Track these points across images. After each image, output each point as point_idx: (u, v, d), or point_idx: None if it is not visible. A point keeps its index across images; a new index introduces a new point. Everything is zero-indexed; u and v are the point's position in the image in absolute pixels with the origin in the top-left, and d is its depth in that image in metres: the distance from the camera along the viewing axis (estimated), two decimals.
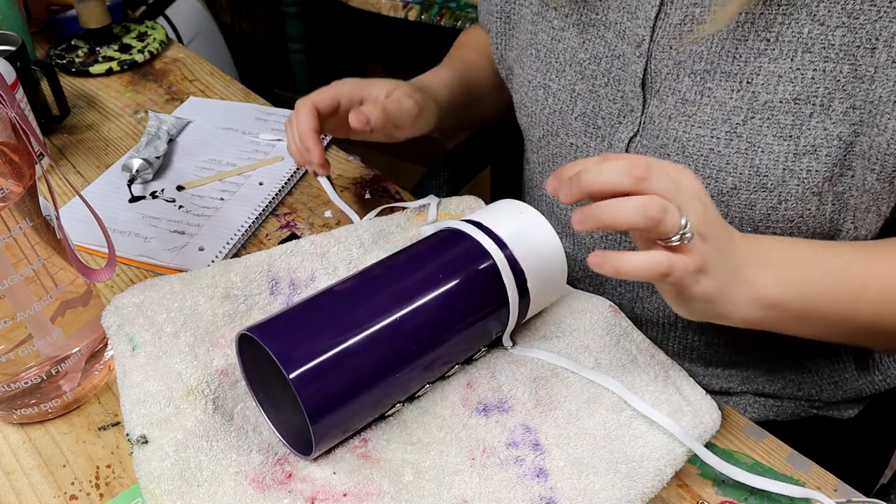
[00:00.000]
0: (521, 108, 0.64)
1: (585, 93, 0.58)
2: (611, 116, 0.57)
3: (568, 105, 0.59)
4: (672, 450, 0.44)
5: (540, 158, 0.65)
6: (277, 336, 0.40)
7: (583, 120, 0.58)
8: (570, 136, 0.60)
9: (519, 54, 0.64)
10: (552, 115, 0.60)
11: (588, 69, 0.57)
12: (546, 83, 0.60)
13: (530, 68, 0.62)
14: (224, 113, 0.78)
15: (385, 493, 0.41)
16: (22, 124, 0.41)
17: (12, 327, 0.44)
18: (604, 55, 0.56)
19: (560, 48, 0.59)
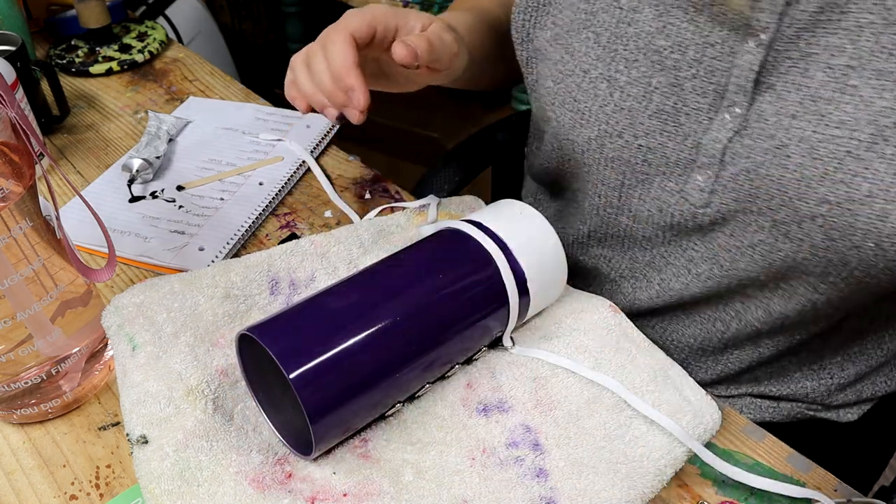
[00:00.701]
0: (564, 103, 0.55)
1: (665, 87, 0.50)
2: (698, 113, 0.50)
3: (640, 101, 0.51)
4: (672, 450, 0.44)
5: (586, 160, 0.56)
6: (277, 336, 0.40)
7: (659, 118, 0.51)
8: (640, 136, 0.52)
9: (560, 36, 0.55)
10: (617, 112, 0.52)
11: (669, 59, 0.49)
12: (611, 75, 0.52)
13: (585, 56, 0.53)
14: (224, 113, 0.79)
15: (385, 493, 0.41)
16: (22, 124, 0.41)
17: (12, 327, 0.44)
18: (692, 42, 0.48)
19: (630, 33, 0.50)
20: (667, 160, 0.52)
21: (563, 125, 0.56)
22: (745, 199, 0.50)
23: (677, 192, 0.53)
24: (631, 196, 0.56)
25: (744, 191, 0.49)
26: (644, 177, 0.54)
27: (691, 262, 0.56)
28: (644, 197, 0.55)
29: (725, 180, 0.50)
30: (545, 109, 0.58)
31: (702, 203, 0.52)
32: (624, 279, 0.62)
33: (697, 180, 0.51)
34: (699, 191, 0.52)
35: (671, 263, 0.58)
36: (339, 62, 0.47)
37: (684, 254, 0.57)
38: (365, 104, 0.47)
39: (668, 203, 0.54)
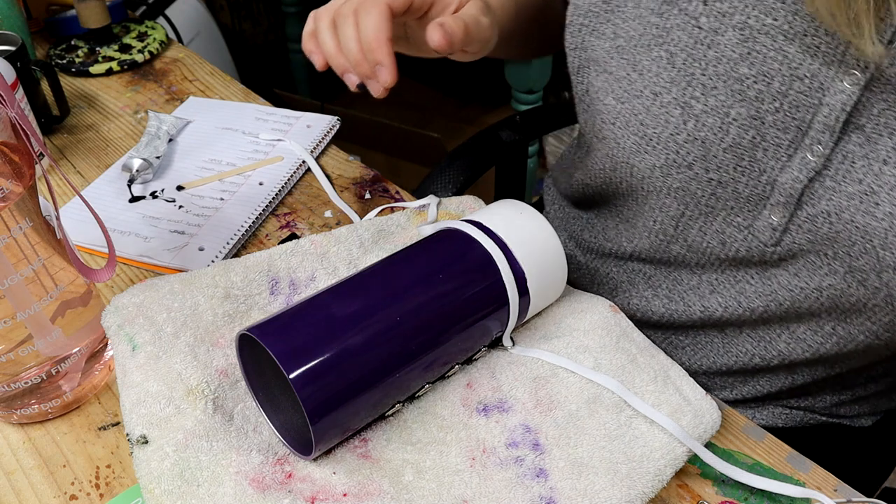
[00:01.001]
0: (627, 125, 0.50)
1: (744, 119, 0.46)
2: (777, 149, 0.46)
3: (716, 133, 0.47)
4: (672, 450, 0.44)
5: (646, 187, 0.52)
6: (277, 336, 0.40)
7: (734, 152, 0.47)
8: (712, 170, 0.48)
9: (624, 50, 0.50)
10: (689, 142, 0.48)
11: (752, 89, 0.45)
12: (686, 101, 0.47)
13: (657, 77, 0.48)
14: (224, 113, 0.78)
15: (385, 493, 0.41)
16: (22, 124, 0.41)
17: (12, 327, 0.44)
18: (778, 73, 0.44)
19: (710, 57, 0.46)
20: (737, 196, 0.49)
21: (623, 148, 0.52)
22: (820, 242, 0.47)
23: (745, 227, 0.50)
24: (690, 227, 0.53)
25: (821, 233, 0.47)
26: (709, 210, 0.51)
27: (742, 296, 0.53)
28: (705, 229, 0.52)
29: (801, 220, 0.47)
30: (601, 127, 0.53)
31: (772, 242, 0.49)
32: (658, 298, 0.59)
33: (770, 219, 0.49)
34: (771, 229, 0.49)
35: (719, 292, 0.55)
36: (372, 34, 0.45)
37: (736, 285, 0.54)
38: (392, 82, 0.46)
39: (733, 238, 0.51)
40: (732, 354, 0.58)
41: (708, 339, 0.58)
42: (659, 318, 0.60)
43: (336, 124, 0.77)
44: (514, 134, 0.87)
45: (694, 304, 0.57)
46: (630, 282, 0.61)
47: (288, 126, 0.76)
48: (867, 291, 0.47)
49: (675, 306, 0.58)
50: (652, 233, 0.56)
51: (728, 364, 0.58)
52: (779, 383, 0.58)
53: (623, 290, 0.62)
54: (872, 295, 0.47)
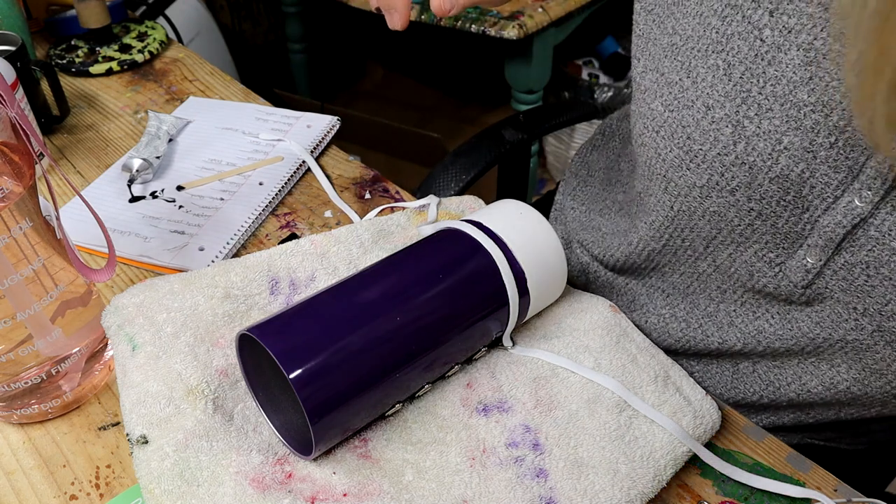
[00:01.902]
0: (672, 136, 0.47)
1: (796, 149, 0.42)
2: (825, 188, 0.42)
3: (766, 160, 0.43)
4: (672, 450, 0.44)
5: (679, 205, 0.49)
6: (277, 336, 0.40)
7: (781, 183, 0.43)
8: (754, 199, 0.45)
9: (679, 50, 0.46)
10: (736, 165, 0.44)
11: (809, 118, 0.41)
12: (738, 120, 0.43)
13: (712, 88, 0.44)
14: (224, 113, 0.78)
15: (385, 493, 0.41)
16: (22, 124, 0.41)
17: (12, 327, 0.44)
18: (839, 106, 0.40)
19: (769, 74, 0.41)
20: (775, 230, 0.46)
21: (664, 160, 0.48)
22: (853, 293, 0.45)
23: (777, 264, 0.48)
24: (720, 252, 0.50)
25: (856, 284, 0.44)
26: (742, 239, 0.48)
27: (762, 335, 0.51)
28: (735, 257, 0.50)
29: (837, 266, 0.45)
30: (643, 132, 0.50)
31: (803, 283, 0.47)
32: (676, 321, 0.57)
33: (805, 260, 0.46)
34: (804, 270, 0.46)
35: (736, 326, 0.53)
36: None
37: (755, 322, 0.51)
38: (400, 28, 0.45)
39: (762, 272, 0.49)
40: (740, 391, 0.56)
41: (719, 369, 0.57)
42: (676, 342, 0.58)
43: (336, 124, 0.77)
44: (519, 133, 0.87)
45: (712, 335, 0.55)
46: (648, 296, 0.59)
47: (288, 126, 0.76)
48: (894, 352, 0.44)
49: (693, 333, 0.56)
50: (679, 250, 0.53)
51: (734, 398, 0.57)
52: (784, 420, 0.57)
53: (640, 306, 0.60)
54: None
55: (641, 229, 0.56)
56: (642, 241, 0.56)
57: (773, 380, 0.54)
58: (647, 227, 0.55)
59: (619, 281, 0.63)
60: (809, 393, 0.52)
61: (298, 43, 2.01)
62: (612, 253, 0.62)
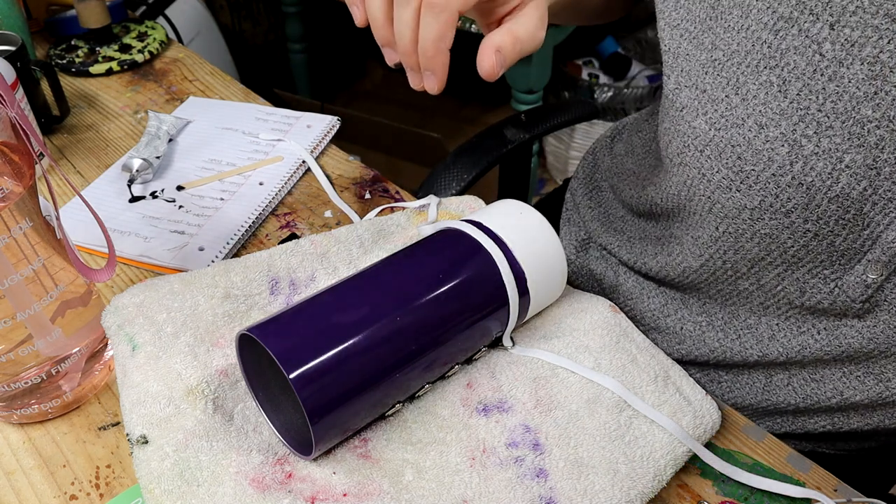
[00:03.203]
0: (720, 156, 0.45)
1: (859, 167, 0.40)
2: (888, 203, 0.41)
3: (825, 179, 0.41)
4: (672, 450, 0.44)
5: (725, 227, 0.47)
6: (277, 336, 0.40)
7: (840, 203, 0.42)
8: (811, 221, 0.43)
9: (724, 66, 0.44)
10: (793, 186, 0.42)
11: (873, 135, 0.39)
12: (796, 139, 0.41)
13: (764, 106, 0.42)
14: (224, 113, 0.79)
15: (385, 493, 0.41)
16: (22, 124, 0.41)
17: (12, 327, 0.44)
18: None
19: (830, 90, 0.40)
20: (832, 249, 0.45)
21: (709, 181, 0.46)
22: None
23: (833, 280, 0.46)
24: (766, 272, 0.48)
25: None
26: (795, 260, 0.46)
27: (806, 349, 0.49)
28: (784, 276, 0.48)
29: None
30: (684, 151, 0.47)
31: (862, 298, 0.46)
32: (713, 330, 0.55)
33: (866, 275, 0.45)
34: (863, 285, 0.45)
35: (778, 340, 0.51)
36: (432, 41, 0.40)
37: (799, 337, 0.50)
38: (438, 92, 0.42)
39: (817, 289, 0.47)
40: (771, 402, 0.55)
41: (750, 380, 0.55)
42: (711, 352, 0.56)
43: (336, 124, 0.77)
44: (520, 132, 0.87)
45: (751, 347, 0.53)
46: (683, 302, 0.57)
47: (288, 126, 0.76)
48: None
49: (731, 344, 0.54)
50: (719, 271, 0.50)
51: (765, 406, 0.56)
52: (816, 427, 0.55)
53: (674, 311, 0.58)
54: None
55: (680, 245, 0.53)
56: (680, 255, 0.54)
57: (811, 393, 0.52)
58: (684, 246, 0.52)
59: (649, 286, 0.60)
60: (846, 400, 0.51)
61: (298, 43, 2.01)
62: (645, 261, 0.59)
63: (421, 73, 0.42)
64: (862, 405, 0.51)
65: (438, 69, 0.41)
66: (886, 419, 0.52)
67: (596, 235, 0.67)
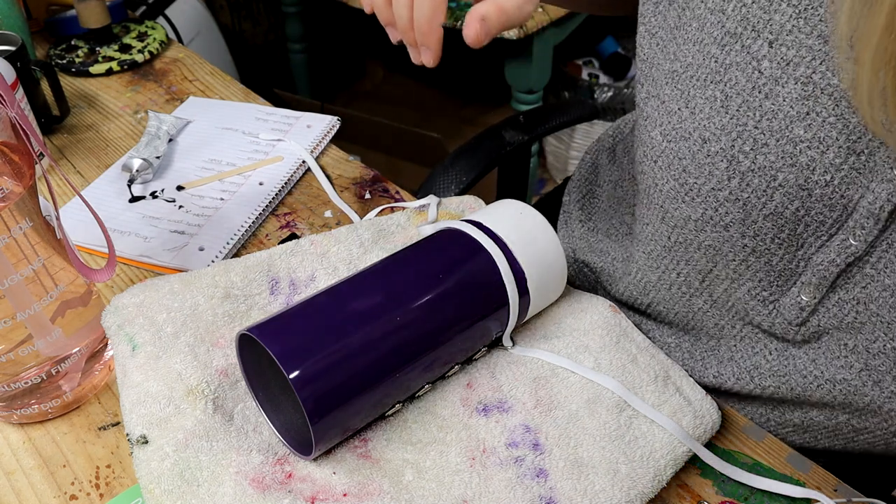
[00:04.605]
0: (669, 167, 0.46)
1: (791, 187, 0.41)
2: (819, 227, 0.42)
3: (760, 196, 0.42)
4: (672, 450, 0.44)
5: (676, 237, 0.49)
6: (277, 336, 0.40)
7: (775, 221, 0.43)
8: (748, 236, 0.44)
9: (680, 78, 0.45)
10: (730, 202, 0.43)
11: (805, 155, 0.40)
12: (734, 154, 0.42)
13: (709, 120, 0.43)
14: (224, 113, 0.79)
15: (385, 493, 0.41)
16: (22, 124, 0.41)
17: (12, 327, 0.44)
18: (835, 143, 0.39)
19: (766, 108, 0.40)
20: (769, 268, 0.46)
21: (660, 191, 0.48)
22: (844, 329, 0.45)
23: (771, 301, 0.48)
24: (716, 286, 0.50)
25: (846, 321, 0.44)
26: (737, 275, 0.48)
27: (756, 370, 0.51)
28: (730, 293, 0.50)
29: (830, 304, 0.45)
30: (642, 161, 0.50)
31: (798, 321, 0.47)
32: (680, 351, 0.57)
33: (800, 298, 0.46)
34: (798, 308, 0.46)
35: (735, 361, 0.53)
36: (426, 19, 0.43)
37: (752, 358, 0.51)
38: (433, 65, 0.45)
39: (758, 310, 0.49)
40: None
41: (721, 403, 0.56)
42: None
43: (336, 124, 0.77)
44: (519, 134, 0.87)
45: (710, 367, 0.54)
46: (655, 325, 0.59)
47: (288, 126, 0.76)
48: (882, 394, 0.44)
49: (694, 364, 0.56)
50: (674, 285, 0.53)
51: None
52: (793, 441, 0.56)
53: (646, 332, 0.60)
54: (888, 399, 0.44)
55: (640, 259, 0.55)
56: (640, 271, 0.56)
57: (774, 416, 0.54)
58: (645, 257, 0.54)
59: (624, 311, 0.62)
60: (813, 421, 0.52)
61: (298, 43, 2.01)
62: (615, 284, 0.61)
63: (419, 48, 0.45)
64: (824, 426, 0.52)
65: (433, 44, 0.44)
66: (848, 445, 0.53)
67: (581, 254, 0.68)
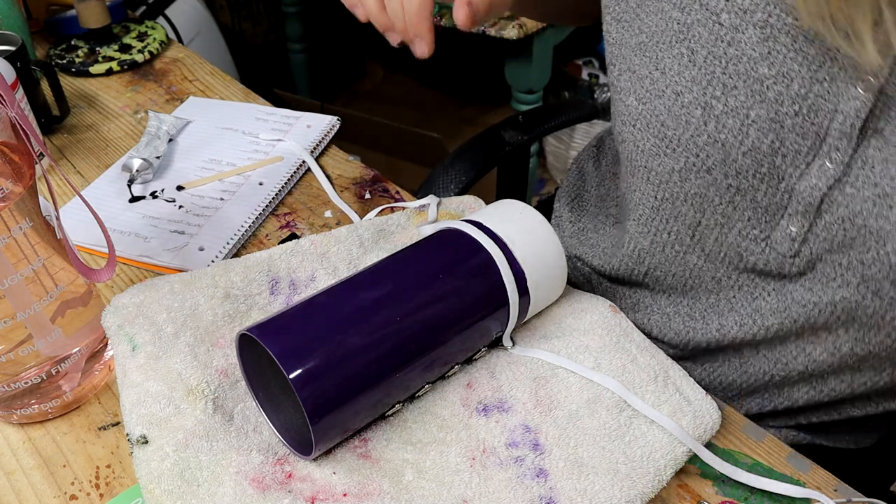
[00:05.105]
0: (648, 126, 0.50)
1: (763, 121, 0.44)
2: (796, 156, 0.45)
3: (736, 135, 0.45)
4: (672, 450, 0.44)
5: (662, 194, 0.52)
6: (277, 336, 0.40)
7: (754, 157, 0.46)
8: (731, 175, 0.47)
9: (647, 47, 0.49)
10: (709, 145, 0.47)
11: (771, 90, 0.44)
12: (707, 101, 0.46)
13: (679, 76, 0.47)
14: (224, 113, 0.79)
15: (385, 493, 0.41)
16: (22, 124, 0.41)
17: (12, 327, 0.44)
18: (798, 75, 0.43)
19: (730, 54, 0.44)
20: (756, 205, 0.48)
21: (642, 151, 0.51)
22: (836, 251, 0.46)
23: (762, 239, 0.50)
24: (706, 237, 0.52)
25: (836, 241, 0.46)
26: (725, 220, 0.50)
27: (758, 313, 0.53)
28: (722, 240, 0.52)
29: (819, 229, 0.46)
30: (622, 130, 0.53)
31: (791, 252, 0.48)
32: (679, 316, 0.59)
33: (789, 229, 0.48)
34: (789, 239, 0.48)
35: (736, 310, 0.54)
36: (416, 10, 0.47)
37: (752, 303, 0.53)
38: (428, 55, 0.49)
39: (751, 250, 0.51)
40: (750, 374, 0.57)
41: (725, 359, 0.58)
42: (676, 335, 0.59)
43: (336, 124, 0.77)
44: (518, 134, 0.87)
45: (712, 322, 0.56)
46: (653, 298, 0.60)
47: (288, 126, 0.76)
48: (882, 302, 0.46)
49: (695, 324, 0.57)
50: (667, 245, 0.55)
51: (747, 383, 0.57)
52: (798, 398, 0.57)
53: (645, 307, 0.61)
54: (889, 307, 0.45)
55: (631, 228, 0.58)
56: (633, 241, 0.58)
57: (780, 357, 0.54)
58: (636, 224, 0.57)
59: (622, 289, 0.64)
60: (816, 362, 0.52)
61: (298, 43, 2.01)
62: (609, 262, 0.63)
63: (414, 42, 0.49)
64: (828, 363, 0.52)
65: (424, 33, 0.48)
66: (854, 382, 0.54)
67: (573, 249, 0.70)
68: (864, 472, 0.64)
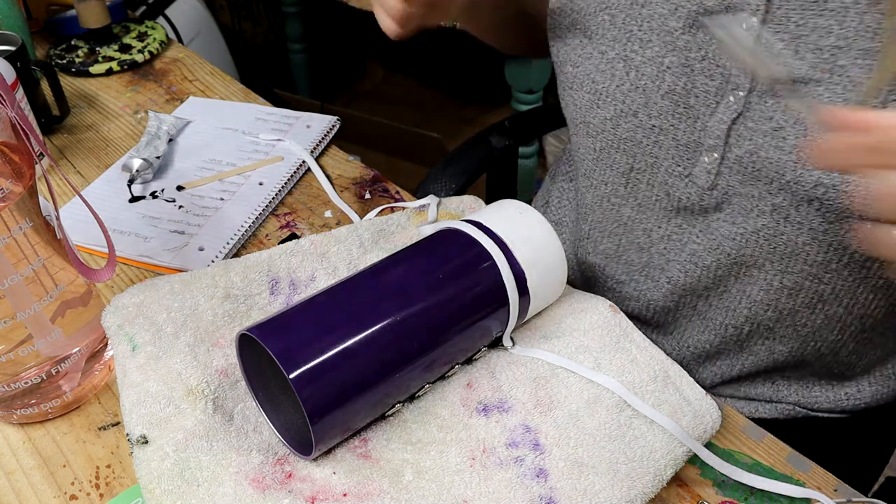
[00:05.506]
0: (582, 85, 0.57)
1: (676, 67, 0.52)
2: (707, 95, 0.51)
3: (654, 81, 0.53)
4: (672, 450, 0.44)
5: (599, 144, 0.58)
6: (277, 336, 0.40)
7: (671, 98, 0.53)
8: (653, 116, 0.54)
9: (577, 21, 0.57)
10: (632, 91, 0.54)
11: (681, 40, 0.51)
12: (627, 55, 0.53)
13: (602, 38, 0.55)
14: (224, 113, 0.79)
15: (385, 493, 0.41)
16: (22, 124, 0.41)
17: (12, 327, 0.44)
18: (701, 24, 0.50)
19: (644, 14, 0.52)
20: (677, 142, 0.54)
21: (579, 107, 0.58)
22: (748, 182, 0.51)
23: (685, 175, 0.54)
24: (639, 182, 0.57)
25: (746, 173, 0.51)
26: (653, 160, 0.56)
27: (695, 256, 0.57)
28: (652, 182, 0.57)
29: (730, 162, 0.51)
30: (563, 96, 0.60)
31: (708, 185, 0.53)
32: (623, 284, 0.63)
33: (704, 162, 0.53)
34: (706, 173, 0.53)
35: (673, 260, 0.58)
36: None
37: (685, 248, 0.57)
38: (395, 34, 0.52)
39: (676, 187, 0.55)
40: (710, 328, 0.60)
41: (684, 315, 0.62)
42: (637, 302, 0.63)
43: (336, 124, 0.77)
44: (505, 139, 0.87)
45: (660, 279, 0.61)
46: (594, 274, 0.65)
47: (288, 126, 0.76)
48: (792, 228, 0.50)
49: (646, 284, 0.62)
50: (604, 198, 0.61)
51: (711, 342, 0.61)
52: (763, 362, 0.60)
53: (601, 283, 0.66)
54: (798, 231, 0.50)
55: (580, 180, 0.63)
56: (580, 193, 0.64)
57: (728, 304, 0.58)
58: (584, 179, 0.63)
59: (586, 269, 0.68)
60: (756, 303, 0.56)
61: (298, 43, 2.01)
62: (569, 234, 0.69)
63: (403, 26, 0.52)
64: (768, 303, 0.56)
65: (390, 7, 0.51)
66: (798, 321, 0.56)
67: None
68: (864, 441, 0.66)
